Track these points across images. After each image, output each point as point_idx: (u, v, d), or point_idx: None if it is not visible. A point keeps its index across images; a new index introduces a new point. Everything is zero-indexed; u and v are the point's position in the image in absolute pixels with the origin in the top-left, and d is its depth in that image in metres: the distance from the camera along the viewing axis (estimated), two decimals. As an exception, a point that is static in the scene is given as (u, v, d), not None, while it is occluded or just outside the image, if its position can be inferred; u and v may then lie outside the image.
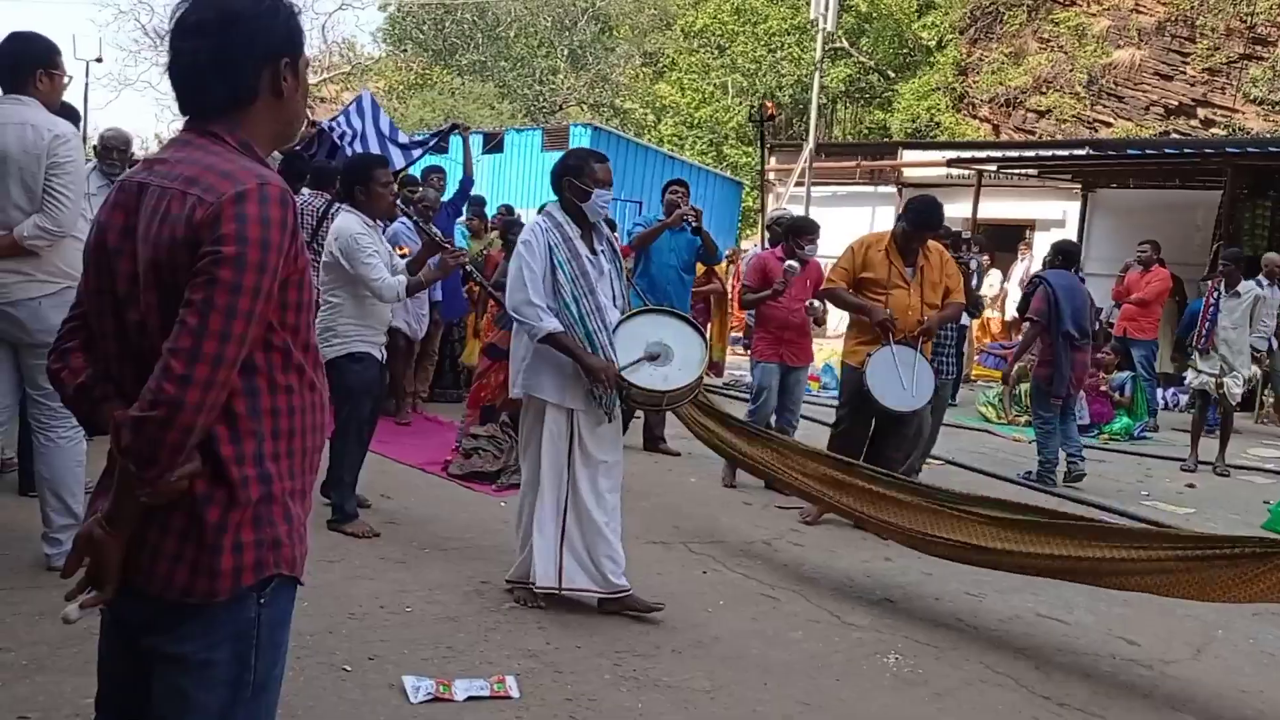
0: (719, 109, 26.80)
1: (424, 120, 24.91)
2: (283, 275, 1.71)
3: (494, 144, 18.76)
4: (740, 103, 26.59)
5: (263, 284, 1.66)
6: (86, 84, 28.59)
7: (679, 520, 5.89)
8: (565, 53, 31.08)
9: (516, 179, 17.89)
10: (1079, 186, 16.12)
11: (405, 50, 32.42)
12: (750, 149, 26.37)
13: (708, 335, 5.73)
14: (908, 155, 19.30)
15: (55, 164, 3.89)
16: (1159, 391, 11.85)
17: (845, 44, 25.70)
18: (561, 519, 4.23)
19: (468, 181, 8.98)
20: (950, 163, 16.75)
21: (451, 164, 10.67)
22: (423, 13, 32.09)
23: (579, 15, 31.31)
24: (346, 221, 5.01)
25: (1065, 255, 8.10)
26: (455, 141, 9.59)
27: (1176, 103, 20.07)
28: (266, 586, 1.79)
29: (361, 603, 4.22)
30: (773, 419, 6.83)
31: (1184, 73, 20.05)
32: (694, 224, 7.25)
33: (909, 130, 23.81)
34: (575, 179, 4.17)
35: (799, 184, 19.84)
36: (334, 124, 8.29)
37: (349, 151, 7.98)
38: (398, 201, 5.48)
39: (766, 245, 8.96)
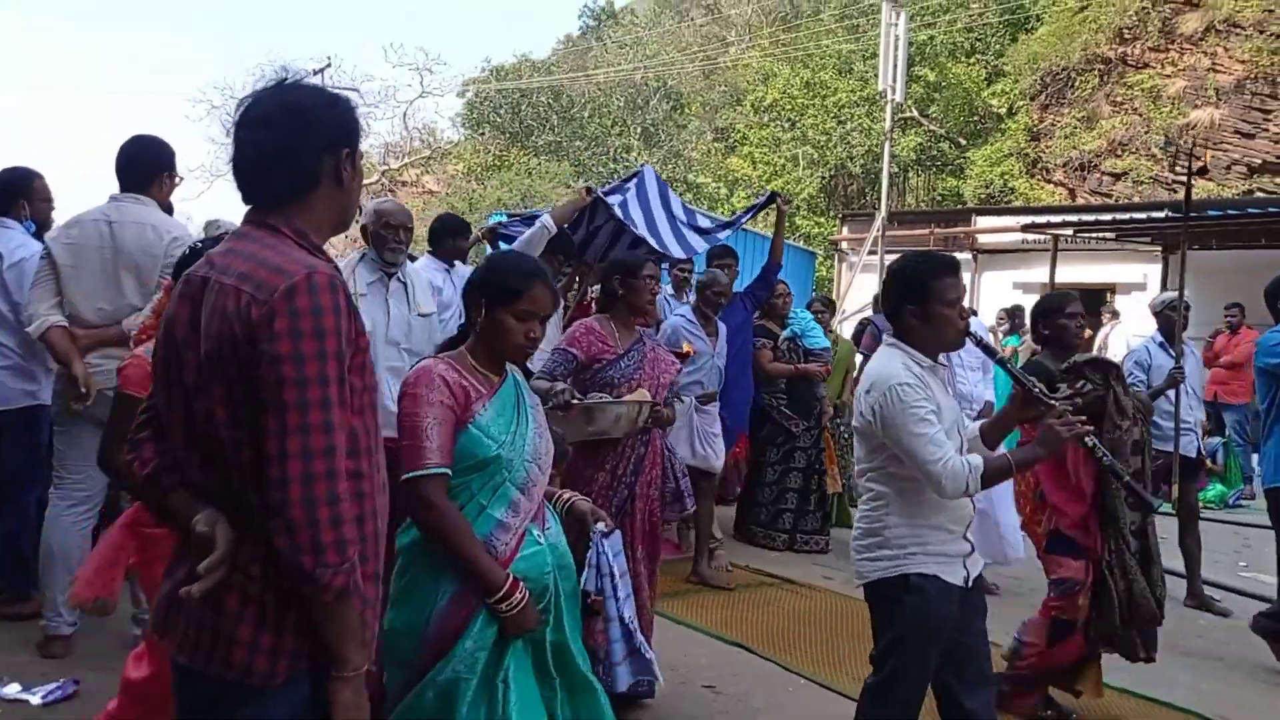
0: (790, 180, 27.00)
1: (501, 200, 25.41)
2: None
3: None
4: (811, 174, 26.76)
5: (328, 370, 1.68)
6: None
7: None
8: (638, 131, 31.62)
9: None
10: (1159, 249, 15.84)
11: (483, 133, 33.29)
12: (821, 219, 26.47)
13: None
14: (981, 221, 19.23)
15: (170, 264, 4.10)
16: (1254, 457, 11.46)
17: (915, 113, 25.82)
18: None
19: (775, 266, 6.94)
20: (1025, 228, 16.62)
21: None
22: (499, 97, 33.05)
23: (651, 94, 31.91)
24: (889, 362, 3.15)
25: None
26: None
27: (1260, 160, 19.70)
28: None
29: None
30: None
31: (1266, 130, 19.70)
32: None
33: (982, 196, 23.72)
34: None
35: (872, 252, 19.85)
36: (611, 198, 6.82)
37: (632, 220, 6.63)
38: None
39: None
